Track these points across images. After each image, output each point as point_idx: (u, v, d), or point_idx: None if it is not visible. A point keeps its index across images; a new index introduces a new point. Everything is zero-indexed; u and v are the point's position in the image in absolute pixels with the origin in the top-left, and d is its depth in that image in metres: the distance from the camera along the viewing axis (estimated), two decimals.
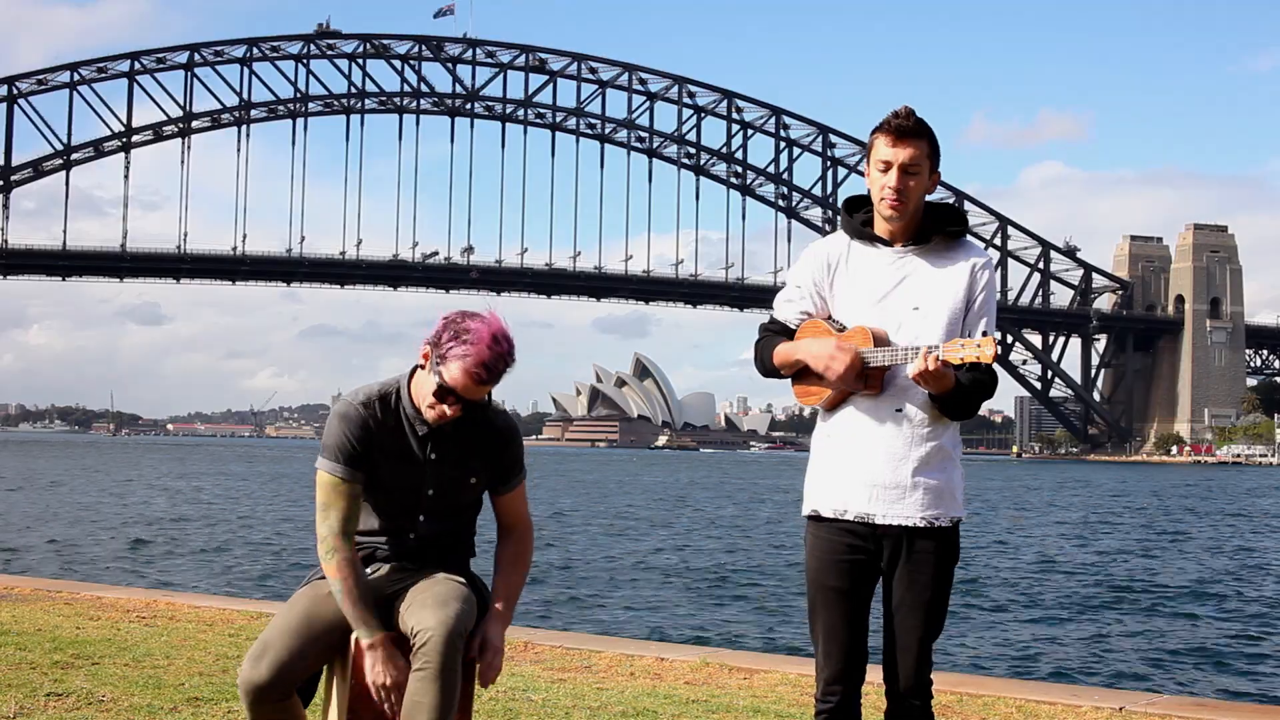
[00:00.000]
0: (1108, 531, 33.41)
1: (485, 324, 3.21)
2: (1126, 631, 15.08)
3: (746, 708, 5.58)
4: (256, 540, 25.33)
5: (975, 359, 3.11)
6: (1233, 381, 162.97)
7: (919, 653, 3.33)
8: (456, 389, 3.21)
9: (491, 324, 3.21)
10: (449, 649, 3.11)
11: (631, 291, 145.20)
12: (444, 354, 3.20)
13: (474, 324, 3.20)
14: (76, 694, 5.16)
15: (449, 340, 3.20)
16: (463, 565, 3.46)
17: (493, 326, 3.21)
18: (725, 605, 16.52)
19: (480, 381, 3.20)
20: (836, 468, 3.35)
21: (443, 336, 3.22)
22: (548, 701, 5.48)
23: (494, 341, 3.19)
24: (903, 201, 3.26)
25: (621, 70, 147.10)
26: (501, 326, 3.22)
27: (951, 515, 3.34)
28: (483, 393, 3.25)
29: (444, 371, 3.21)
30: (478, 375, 3.19)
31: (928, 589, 3.31)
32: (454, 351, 3.19)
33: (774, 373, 3.42)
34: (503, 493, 3.47)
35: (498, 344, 3.20)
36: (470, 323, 3.21)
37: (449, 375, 3.20)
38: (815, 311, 3.40)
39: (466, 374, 3.18)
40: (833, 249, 3.41)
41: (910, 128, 3.25)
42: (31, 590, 8.91)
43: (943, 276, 3.31)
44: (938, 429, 3.32)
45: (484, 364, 3.18)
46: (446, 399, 3.23)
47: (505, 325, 3.24)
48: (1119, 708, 5.73)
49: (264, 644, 3.20)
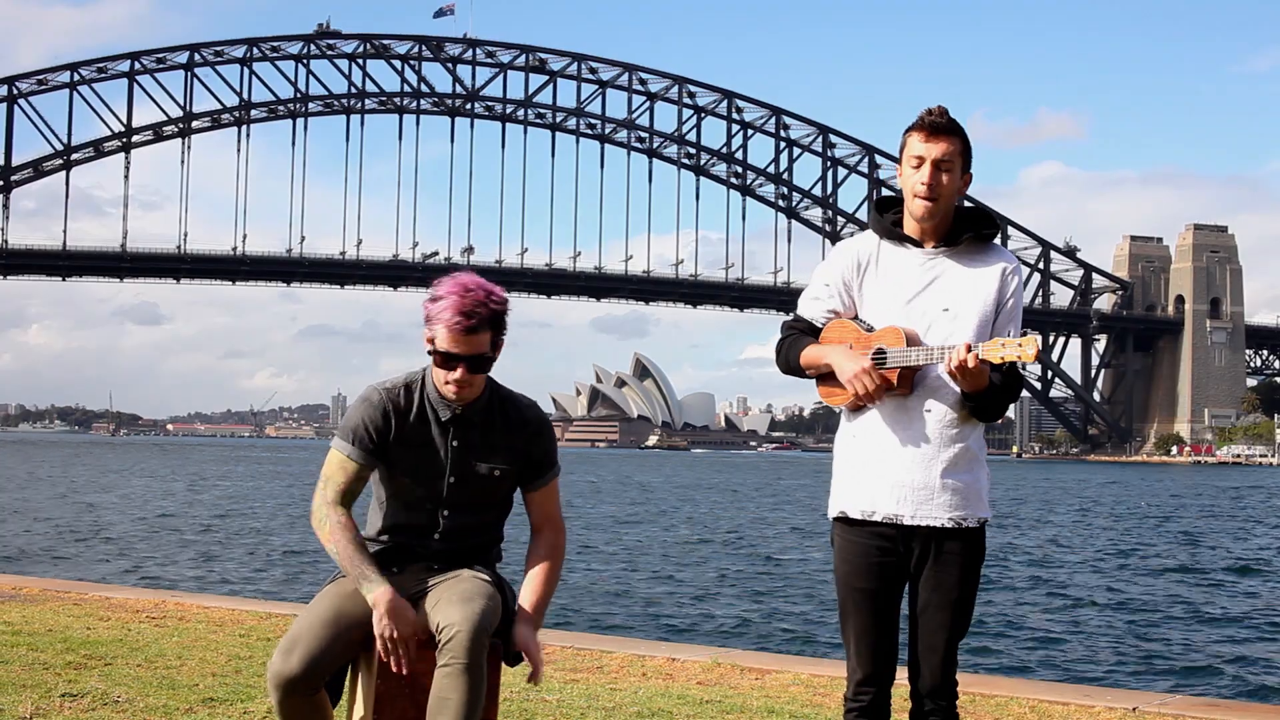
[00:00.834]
0: (1120, 531, 33.42)
1: (453, 279, 3.28)
2: (1140, 632, 15.08)
3: (760, 708, 5.57)
4: (260, 541, 25.32)
5: (1016, 358, 3.11)
6: (1233, 382, 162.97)
7: (945, 653, 3.33)
8: (449, 348, 3.23)
9: (459, 278, 3.27)
10: (475, 645, 3.10)
11: (631, 292, 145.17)
12: (428, 323, 3.27)
13: (443, 286, 3.27)
14: (91, 695, 5.14)
15: (428, 310, 3.27)
16: (488, 566, 3.45)
17: (460, 279, 3.27)
18: (731, 605, 16.52)
19: (465, 330, 3.22)
20: (864, 469, 3.34)
21: (426, 313, 3.28)
22: (562, 702, 5.48)
23: (463, 290, 3.24)
24: (935, 197, 3.26)
25: (621, 70, 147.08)
26: (470, 277, 3.28)
27: (978, 516, 3.34)
28: (477, 344, 3.24)
29: (435, 340, 3.25)
30: (459, 324, 3.21)
31: (955, 589, 3.31)
32: (432, 315, 3.25)
33: (797, 371, 3.41)
34: (534, 489, 3.46)
35: (468, 291, 3.24)
36: (441, 287, 3.27)
37: (439, 339, 3.24)
38: (843, 310, 3.40)
39: (449, 327, 3.22)
40: (863, 248, 3.40)
41: (943, 125, 3.27)
42: (40, 590, 8.90)
43: (973, 278, 3.31)
44: (965, 430, 3.32)
45: (461, 311, 3.21)
46: (449, 365, 3.25)
47: (476, 278, 3.29)
48: (1132, 708, 5.72)
49: (294, 637, 3.19)
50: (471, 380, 3.29)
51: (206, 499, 41.28)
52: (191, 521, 30.42)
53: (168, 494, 43.85)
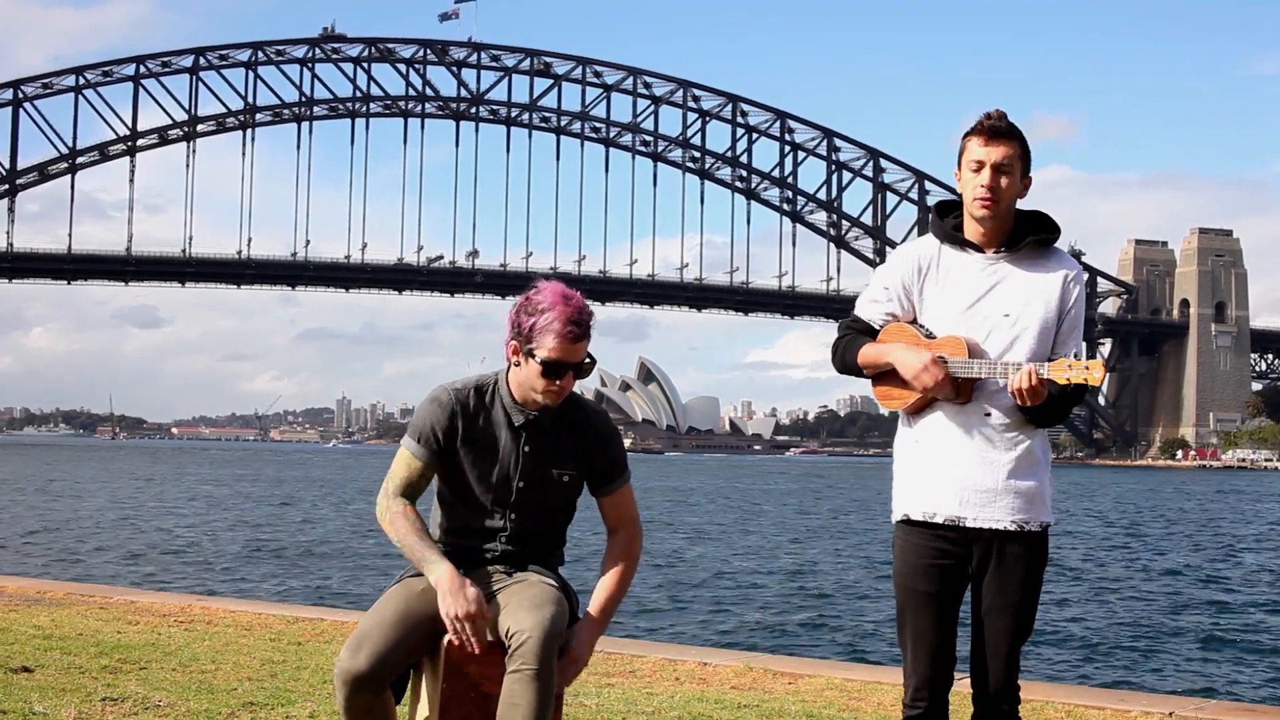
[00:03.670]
0: (1155, 536, 33.38)
1: (549, 289, 3.27)
2: (1176, 636, 15.06)
3: (798, 712, 5.56)
4: (278, 545, 25.32)
5: (1083, 380, 3.12)
6: (1238, 385, 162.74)
7: (1008, 656, 3.33)
8: (559, 356, 3.23)
9: (553, 287, 3.27)
10: (546, 651, 3.10)
11: (636, 295, 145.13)
12: (531, 334, 3.24)
13: (539, 296, 3.26)
14: (132, 699, 5.14)
15: (528, 321, 3.25)
16: (552, 570, 3.45)
17: (555, 288, 3.27)
18: (754, 611, 16.50)
19: (575, 338, 3.23)
20: (926, 472, 3.34)
21: (522, 324, 3.26)
22: (601, 707, 5.47)
23: (565, 299, 3.25)
24: (995, 200, 3.26)
25: (626, 74, 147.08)
26: (561, 285, 3.28)
27: (1041, 520, 3.34)
28: (582, 351, 3.27)
29: (539, 349, 3.23)
30: (571, 332, 3.22)
31: (1018, 592, 3.31)
32: (539, 325, 3.23)
33: (854, 370, 3.41)
34: (606, 494, 3.46)
35: (570, 299, 3.26)
36: (536, 297, 3.27)
37: (547, 348, 3.23)
38: (901, 314, 3.39)
39: (560, 336, 3.22)
40: (924, 252, 3.39)
41: (1003, 128, 3.27)
42: (64, 594, 8.90)
43: (1035, 285, 3.31)
44: (1027, 433, 3.32)
45: (570, 320, 3.23)
46: (559, 374, 3.26)
47: (563, 285, 3.29)
48: (1168, 713, 5.71)
49: (361, 635, 3.19)
50: (570, 387, 3.31)
51: (213, 501, 41.31)
52: (219, 528, 30.43)
53: (172, 500, 43.87)
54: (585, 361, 3.30)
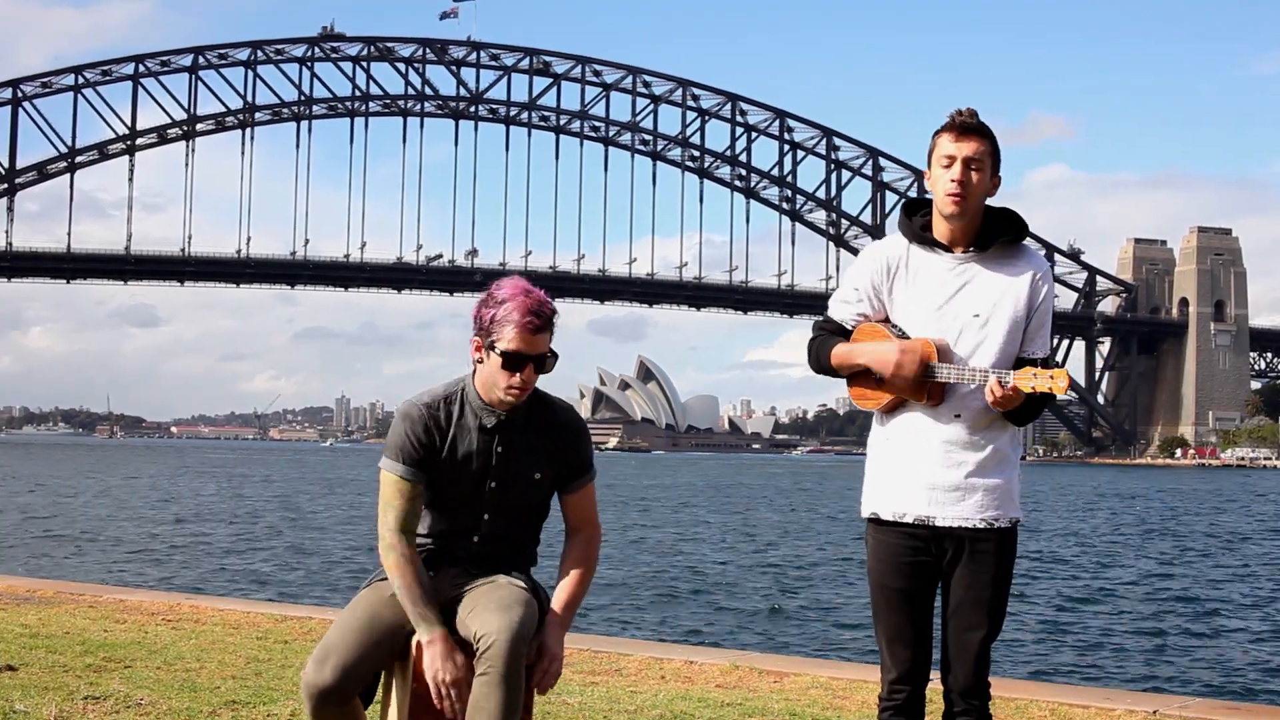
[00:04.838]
0: (1143, 535, 33.39)
1: (509, 283, 3.30)
2: (1161, 635, 15.06)
3: (782, 711, 5.56)
4: (271, 543, 25.33)
5: (1047, 389, 3.15)
6: (1237, 384, 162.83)
7: (979, 653, 3.34)
8: (519, 348, 3.23)
9: (514, 281, 3.30)
10: (513, 654, 3.10)
11: (635, 294, 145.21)
12: (492, 328, 3.26)
13: (500, 291, 3.29)
14: (114, 697, 5.14)
15: (488, 314, 3.27)
16: (524, 571, 3.45)
17: (517, 282, 3.30)
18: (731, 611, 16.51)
19: (534, 329, 3.24)
20: (895, 471, 3.35)
21: (483, 317, 3.28)
22: (584, 705, 5.47)
23: (525, 291, 3.27)
24: (965, 195, 3.26)
25: (626, 73, 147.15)
26: (522, 280, 3.31)
27: (1010, 516, 3.35)
28: (543, 344, 3.27)
29: (500, 341, 3.24)
30: (530, 324, 3.23)
31: (988, 588, 3.32)
32: (498, 317, 3.24)
33: (829, 370, 3.42)
34: (571, 491, 3.45)
35: (530, 292, 3.28)
36: (497, 292, 3.29)
37: (507, 340, 3.24)
38: (872, 314, 3.40)
39: (519, 328, 3.22)
40: (892, 252, 3.39)
41: (974, 125, 3.28)
42: (55, 593, 8.90)
43: (1004, 284, 3.31)
44: (996, 432, 3.33)
45: (530, 310, 3.24)
46: (518, 366, 3.25)
47: (525, 281, 3.32)
48: (1153, 711, 5.71)
49: (327, 647, 3.19)
50: (533, 382, 3.30)
51: (212, 500, 41.32)
52: (213, 526, 30.44)
53: (172, 499, 43.87)
54: (547, 355, 3.29)
